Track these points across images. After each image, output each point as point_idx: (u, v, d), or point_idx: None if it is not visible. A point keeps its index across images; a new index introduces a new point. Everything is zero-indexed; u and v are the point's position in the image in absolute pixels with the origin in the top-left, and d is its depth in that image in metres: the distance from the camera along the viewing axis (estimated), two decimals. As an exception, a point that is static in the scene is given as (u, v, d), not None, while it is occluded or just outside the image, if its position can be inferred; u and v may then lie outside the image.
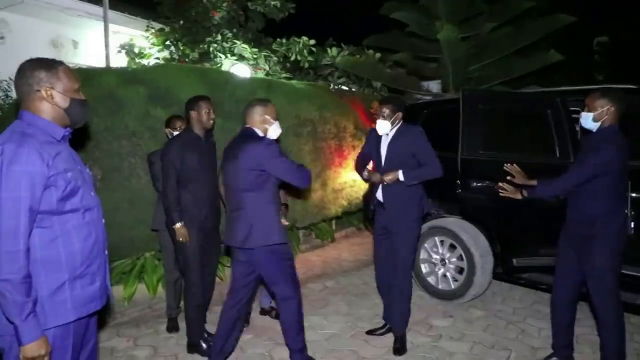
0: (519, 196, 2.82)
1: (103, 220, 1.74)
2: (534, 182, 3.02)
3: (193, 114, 3.01)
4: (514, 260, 3.74)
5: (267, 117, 2.65)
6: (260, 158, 2.51)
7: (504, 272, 3.84)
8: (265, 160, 2.52)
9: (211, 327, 3.45)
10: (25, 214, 1.44)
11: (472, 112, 3.92)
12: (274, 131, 2.68)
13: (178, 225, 2.93)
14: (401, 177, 2.98)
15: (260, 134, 2.66)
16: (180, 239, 2.95)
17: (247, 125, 2.67)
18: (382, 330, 3.39)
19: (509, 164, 3.09)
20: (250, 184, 2.55)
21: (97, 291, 1.66)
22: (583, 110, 2.65)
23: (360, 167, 3.36)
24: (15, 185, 1.43)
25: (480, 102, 3.95)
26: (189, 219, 2.96)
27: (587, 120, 2.61)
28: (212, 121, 3.06)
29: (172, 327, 3.48)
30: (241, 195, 2.59)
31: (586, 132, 2.73)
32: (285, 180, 2.64)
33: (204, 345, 3.09)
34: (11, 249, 1.42)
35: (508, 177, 3.10)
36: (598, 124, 2.57)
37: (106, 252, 1.75)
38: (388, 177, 3.01)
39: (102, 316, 3.53)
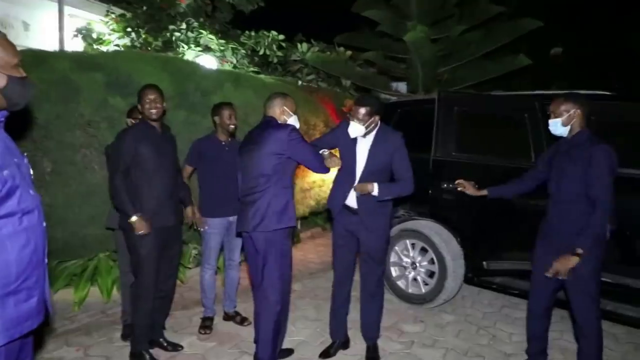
0: (574, 261, 2.42)
1: (44, 224, 1.49)
2: (484, 192, 3.04)
3: (139, 105, 2.84)
4: (484, 263, 3.71)
5: (286, 109, 2.75)
6: (285, 142, 2.57)
7: (473, 275, 3.79)
8: (289, 144, 2.57)
9: (170, 334, 3.24)
10: None
11: (448, 114, 3.86)
12: (292, 123, 2.76)
13: (134, 218, 2.69)
14: (375, 192, 2.80)
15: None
16: (142, 232, 2.71)
17: (269, 115, 2.75)
18: (335, 347, 3.11)
19: (458, 181, 3.11)
20: (273, 169, 2.59)
21: (33, 308, 1.41)
22: (549, 118, 2.62)
23: None
24: None
25: (456, 104, 3.89)
26: (141, 214, 2.73)
27: (557, 127, 2.59)
28: (154, 110, 2.80)
29: (128, 335, 3.20)
30: (260, 181, 2.61)
31: (557, 138, 2.69)
32: (305, 166, 2.73)
33: (147, 356, 2.87)
34: None
35: (459, 189, 3.13)
36: (568, 129, 2.56)
37: (46, 260, 1.49)
38: (361, 188, 2.82)
39: (44, 326, 3.22)
